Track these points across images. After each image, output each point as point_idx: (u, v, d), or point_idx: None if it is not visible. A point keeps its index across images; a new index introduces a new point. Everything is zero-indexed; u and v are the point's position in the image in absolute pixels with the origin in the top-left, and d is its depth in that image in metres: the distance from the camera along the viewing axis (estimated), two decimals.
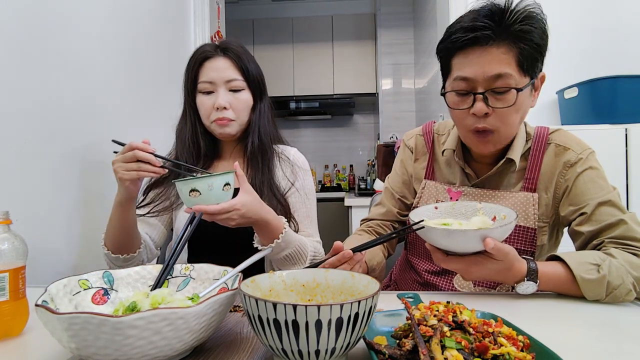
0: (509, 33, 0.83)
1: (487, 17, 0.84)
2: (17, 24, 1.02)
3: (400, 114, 4.03)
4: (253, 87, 1.13)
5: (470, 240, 0.75)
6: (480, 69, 0.85)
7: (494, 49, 0.84)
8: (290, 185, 1.14)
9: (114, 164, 0.95)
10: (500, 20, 0.83)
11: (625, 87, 1.77)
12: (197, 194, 0.83)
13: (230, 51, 1.10)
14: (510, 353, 0.49)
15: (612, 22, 2.08)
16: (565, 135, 0.97)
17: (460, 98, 0.89)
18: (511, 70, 0.84)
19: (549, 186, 0.95)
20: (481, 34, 0.83)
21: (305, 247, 1.04)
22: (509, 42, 0.84)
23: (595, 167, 0.92)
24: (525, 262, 0.80)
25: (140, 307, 0.60)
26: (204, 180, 0.83)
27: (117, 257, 1.04)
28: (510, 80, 0.84)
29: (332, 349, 0.50)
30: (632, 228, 0.86)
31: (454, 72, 0.89)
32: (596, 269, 0.79)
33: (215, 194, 0.84)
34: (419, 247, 1.08)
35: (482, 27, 0.83)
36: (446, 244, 0.78)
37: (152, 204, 1.13)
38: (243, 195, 0.88)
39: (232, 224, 0.89)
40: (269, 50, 4.15)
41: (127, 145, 0.94)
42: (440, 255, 0.79)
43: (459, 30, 0.86)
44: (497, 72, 0.84)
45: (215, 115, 1.09)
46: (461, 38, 0.85)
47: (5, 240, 0.67)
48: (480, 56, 0.85)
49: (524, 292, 0.80)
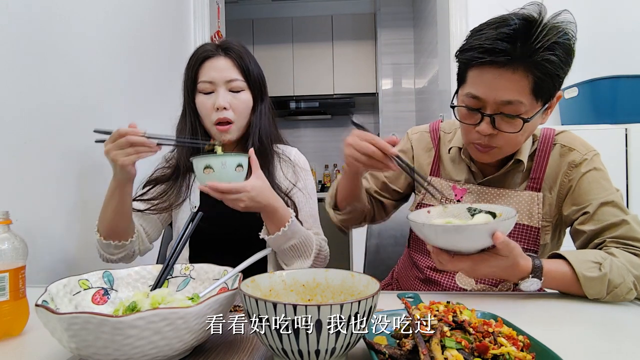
0: (529, 61, 0.79)
1: (509, 40, 0.79)
2: (17, 24, 1.02)
3: (400, 113, 4.02)
4: (254, 87, 1.12)
5: (481, 235, 0.74)
6: (492, 92, 0.83)
7: (509, 73, 0.80)
8: (292, 186, 1.14)
9: (109, 152, 0.93)
10: (523, 46, 0.78)
11: (625, 87, 1.77)
12: (211, 171, 0.88)
13: (231, 51, 1.09)
14: (510, 353, 0.49)
15: (612, 22, 2.08)
16: (570, 136, 0.98)
17: (469, 113, 0.88)
18: (523, 98, 0.81)
19: (553, 186, 0.95)
20: (497, 58, 0.80)
21: (311, 240, 1.05)
22: (525, 69, 0.80)
23: (599, 169, 0.93)
24: (530, 259, 0.80)
25: (140, 307, 0.60)
26: (219, 158, 0.89)
27: (108, 243, 1.03)
28: (521, 107, 0.82)
29: (332, 349, 0.50)
30: (634, 229, 0.86)
31: (467, 86, 0.87)
32: (598, 267, 0.79)
33: (228, 173, 0.88)
34: (422, 243, 1.08)
35: (500, 52, 0.79)
36: (456, 242, 0.77)
37: (152, 201, 1.13)
38: (254, 179, 0.92)
39: (241, 205, 0.91)
40: (268, 50, 4.14)
41: (115, 132, 0.92)
42: (446, 257, 0.79)
43: (477, 49, 0.82)
44: (508, 98, 0.82)
45: (215, 116, 1.07)
46: (478, 59, 0.82)
47: (5, 240, 0.67)
48: (494, 78, 0.82)
49: (527, 289, 0.80)
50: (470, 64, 0.85)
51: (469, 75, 0.87)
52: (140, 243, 1.12)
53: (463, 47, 0.87)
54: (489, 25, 0.83)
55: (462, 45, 0.88)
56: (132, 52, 1.53)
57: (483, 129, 0.85)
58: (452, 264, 0.79)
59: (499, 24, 0.82)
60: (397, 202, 1.19)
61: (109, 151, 0.93)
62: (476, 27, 0.86)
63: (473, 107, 0.87)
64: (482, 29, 0.84)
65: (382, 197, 1.16)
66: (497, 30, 0.81)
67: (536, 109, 0.84)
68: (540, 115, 0.87)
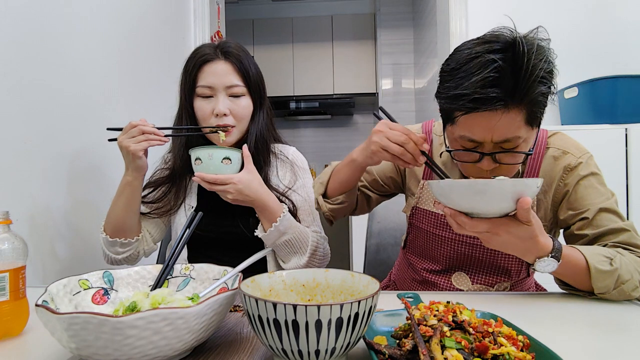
0: (521, 100, 0.75)
1: (498, 84, 0.74)
2: (17, 24, 1.02)
3: (400, 114, 4.02)
4: (253, 92, 1.10)
5: (505, 196, 0.69)
6: (488, 134, 0.79)
7: (504, 114, 0.76)
8: (291, 185, 1.14)
9: (122, 142, 0.98)
10: (514, 87, 0.74)
11: (625, 87, 1.77)
12: (200, 162, 0.95)
13: (231, 55, 1.06)
14: (510, 353, 0.49)
15: (612, 22, 2.08)
16: (563, 139, 0.97)
17: (467, 153, 0.85)
18: (520, 132, 0.79)
19: (548, 190, 0.94)
20: (493, 106, 0.75)
21: (306, 236, 1.05)
22: (519, 106, 0.76)
23: (595, 173, 0.92)
24: (551, 239, 0.78)
25: (140, 307, 0.60)
26: (206, 150, 0.95)
27: (114, 241, 1.05)
28: (519, 140, 0.80)
29: (332, 349, 0.50)
30: (634, 236, 0.86)
31: (459, 129, 0.82)
32: (609, 261, 0.79)
33: (214, 164, 0.95)
34: (417, 245, 1.08)
35: (493, 99, 0.74)
36: (476, 201, 0.71)
37: (153, 204, 1.13)
38: (243, 173, 0.97)
39: (229, 197, 0.96)
40: (268, 50, 4.15)
41: (128, 125, 0.99)
42: (464, 219, 0.74)
43: (466, 97, 0.76)
44: (506, 137, 0.79)
45: (215, 122, 1.05)
46: (470, 109, 0.77)
47: (5, 240, 0.67)
48: (488, 122, 0.77)
49: (542, 269, 0.77)
50: (461, 110, 0.80)
51: (460, 119, 0.81)
52: (144, 244, 1.13)
53: (447, 92, 0.80)
54: (468, 68, 0.77)
55: (444, 88, 0.81)
56: (132, 52, 1.53)
57: (485, 165, 0.83)
58: (470, 226, 0.73)
59: (481, 66, 0.75)
60: (382, 197, 1.16)
61: (122, 141, 0.98)
62: (451, 65, 0.80)
63: (470, 149, 0.83)
64: (460, 72, 0.78)
65: (370, 192, 1.14)
66: (481, 74, 0.75)
67: (533, 135, 0.82)
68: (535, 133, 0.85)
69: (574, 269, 0.80)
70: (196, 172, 0.95)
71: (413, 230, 1.08)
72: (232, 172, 0.96)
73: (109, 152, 1.01)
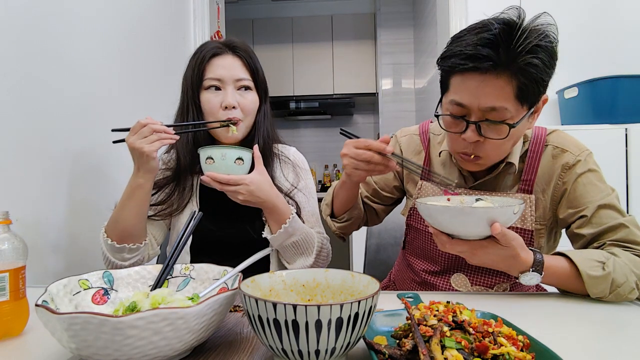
0: (512, 65, 0.78)
1: (490, 45, 0.78)
2: (17, 24, 1.02)
3: (400, 113, 4.02)
4: (260, 87, 1.11)
5: (478, 222, 0.72)
6: (475, 99, 0.82)
7: (493, 79, 0.79)
8: (294, 186, 1.14)
9: (133, 143, 0.91)
10: (506, 51, 0.77)
11: (625, 87, 1.77)
12: (211, 162, 0.93)
13: (239, 50, 1.08)
14: (510, 353, 0.49)
15: (612, 22, 2.08)
16: (562, 136, 0.96)
17: (453, 121, 0.87)
18: (508, 104, 0.80)
19: (547, 188, 0.94)
20: (481, 65, 0.79)
21: (313, 238, 1.05)
22: (510, 74, 0.79)
23: (594, 170, 0.92)
24: (532, 253, 0.79)
25: (140, 307, 0.60)
26: (219, 150, 0.93)
27: (122, 247, 0.98)
28: (506, 113, 0.81)
29: (332, 349, 0.50)
30: (633, 232, 0.86)
31: (451, 94, 0.86)
32: (601, 266, 0.79)
33: (227, 165, 0.92)
34: (416, 246, 1.08)
35: (482, 58, 0.78)
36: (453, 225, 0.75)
37: (157, 207, 1.11)
38: (255, 174, 0.95)
39: (240, 198, 0.93)
40: (268, 50, 4.14)
41: (137, 124, 0.93)
42: (444, 238, 0.78)
43: (459, 55, 0.81)
44: (493, 105, 0.81)
45: (223, 115, 1.05)
46: (460, 65, 0.81)
47: (5, 240, 0.67)
48: (477, 85, 0.80)
49: (527, 283, 0.79)
50: (453, 70, 0.83)
51: (452, 82, 0.85)
52: (150, 248, 1.10)
53: (444, 54, 0.86)
54: (469, 32, 0.82)
55: (443, 52, 0.86)
56: (132, 52, 1.53)
57: (469, 136, 0.84)
58: (450, 246, 0.77)
59: (479, 29, 0.80)
60: (388, 206, 1.18)
61: (134, 142, 0.91)
62: (456, 33, 0.86)
63: (457, 115, 0.85)
64: (462, 36, 0.83)
65: (373, 203, 1.16)
66: (477, 36, 0.79)
67: (522, 114, 0.83)
68: (526, 120, 0.86)
69: (562, 277, 0.82)
70: (207, 172, 0.92)
71: (411, 231, 1.08)
72: (243, 173, 0.94)
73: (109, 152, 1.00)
